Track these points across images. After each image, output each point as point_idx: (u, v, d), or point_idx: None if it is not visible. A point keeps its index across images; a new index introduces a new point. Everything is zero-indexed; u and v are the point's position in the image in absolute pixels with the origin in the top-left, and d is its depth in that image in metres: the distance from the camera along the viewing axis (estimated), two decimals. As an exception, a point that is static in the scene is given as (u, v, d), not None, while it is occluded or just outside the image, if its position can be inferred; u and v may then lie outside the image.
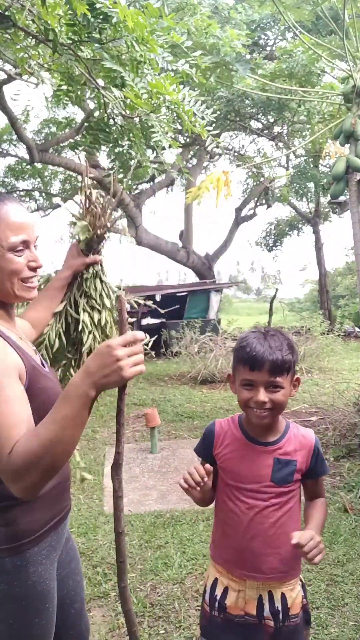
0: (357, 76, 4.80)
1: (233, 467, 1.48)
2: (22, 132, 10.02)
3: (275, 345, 1.40)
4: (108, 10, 1.94)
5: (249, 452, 1.47)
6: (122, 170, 2.85)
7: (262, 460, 1.45)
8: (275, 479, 1.44)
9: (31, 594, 1.22)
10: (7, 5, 2.11)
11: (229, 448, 1.50)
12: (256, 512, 1.44)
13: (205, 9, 5.46)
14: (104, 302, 1.62)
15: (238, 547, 1.47)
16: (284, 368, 1.39)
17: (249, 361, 1.40)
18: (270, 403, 1.40)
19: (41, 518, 1.25)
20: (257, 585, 1.45)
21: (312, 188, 12.55)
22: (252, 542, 1.44)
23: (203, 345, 9.79)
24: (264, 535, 1.43)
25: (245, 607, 1.45)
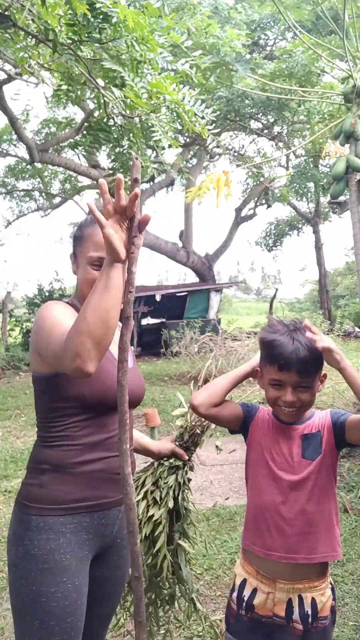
0: (357, 76, 4.79)
1: (266, 447, 1.50)
2: (22, 132, 10.01)
3: (304, 342, 1.38)
4: (108, 10, 1.93)
5: (280, 433, 1.49)
6: (122, 170, 2.84)
7: (292, 440, 1.48)
8: (307, 454, 1.45)
9: (49, 560, 1.28)
10: (7, 5, 2.10)
11: (262, 429, 1.53)
12: (291, 489, 1.44)
13: (205, 9, 5.46)
14: (166, 500, 1.63)
15: (276, 527, 1.45)
16: (312, 369, 1.40)
17: (277, 361, 1.39)
18: (299, 402, 1.42)
19: (73, 492, 1.33)
20: (287, 588, 1.43)
21: (312, 188, 12.55)
22: (289, 520, 1.43)
23: (203, 345, 9.79)
24: (300, 512, 1.43)
25: (274, 608, 1.43)
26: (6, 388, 8.69)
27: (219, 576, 2.81)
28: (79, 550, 1.34)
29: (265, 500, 1.48)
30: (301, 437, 1.47)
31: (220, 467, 4.64)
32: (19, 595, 1.32)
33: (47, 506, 1.32)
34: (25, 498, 1.35)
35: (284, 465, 1.46)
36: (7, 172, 15.42)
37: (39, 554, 1.29)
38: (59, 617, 1.29)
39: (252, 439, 1.54)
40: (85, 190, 16.80)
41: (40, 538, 1.29)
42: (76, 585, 1.32)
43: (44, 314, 1.36)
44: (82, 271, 1.45)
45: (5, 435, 5.92)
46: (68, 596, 1.30)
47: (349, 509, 3.66)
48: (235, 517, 3.56)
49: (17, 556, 1.32)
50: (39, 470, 1.36)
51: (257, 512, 1.50)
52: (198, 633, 2.36)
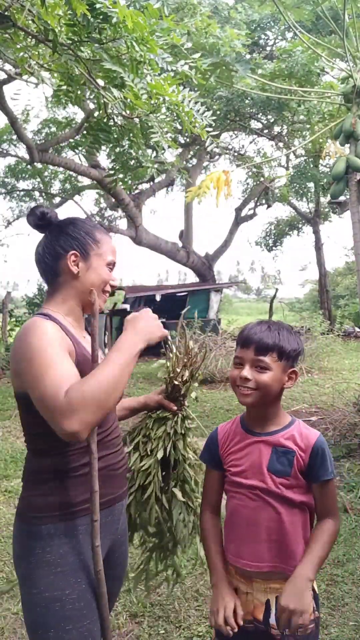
0: (357, 76, 4.80)
1: (235, 459, 1.48)
2: (22, 132, 10.02)
3: (272, 329, 1.43)
4: (108, 11, 1.93)
5: (248, 443, 1.47)
6: (122, 170, 2.84)
7: (260, 450, 1.44)
8: (273, 468, 1.41)
9: (62, 563, 1.27)
10: (7, 5, 2.10)
11: (232, 443, 1.51)
12: (256, 501, 1.42)
13: (205, 9, 5.46)
14: (156, 451, 1.63)
15: (241, 536, 1.45)
16: (269, 348, 1.40)
17: (240, 339, 1.45)
18: (254, 383, 1.40)
19: (79, 495, 1.32)
20: (263, 588, 1.42)
21: (312, 188, 12.56)
22: (254, 530, 1.42)
23: (203, 345, 9.79)
24: (266, 525, 1.41)
25: (253, 611, 1.42)
26: (6, 388, 8.69)
27: (219, 576, 2.81)
28: (90, 551, 1.33)
29: (235, 510, 1.49)
30: (272, 449, 1.43)
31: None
32: (31, 609, 1.28)
33: (55, 513, 1.30)
34: (31, 510, 1.32)
35: (252, 476, 1.44)
36: (7, 172, 15.43)
37: (52, 559, 1.27)
38: (75, 620, 1.26)
39: (226, 454, 1.53)
40: (85, 190, 16.84)
41: (52, 544, 1.28)
42: (90, 586, 1.32)
43: (34, 344, 1.24)
44: (96, 272, 1.43)
45: (5, 435, 5.93)
46: (83, 597, 1.28)
47: (349, 509, 3.66)
48: (235, 517, 3.56)
49: (29, 568, 1.29)
50: (41, 480, 1.33)
51: (230, 519, 1.51)
52: (198, 633, 2.36)
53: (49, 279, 1.44)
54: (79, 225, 1.45)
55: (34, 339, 1.26)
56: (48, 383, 1.18)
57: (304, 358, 9.65)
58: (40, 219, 1.44)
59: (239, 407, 7.30)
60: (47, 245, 1.43)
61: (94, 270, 1.43)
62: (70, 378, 1.20)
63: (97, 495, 1.28)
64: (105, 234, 1.50)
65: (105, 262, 1.46)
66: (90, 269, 1.43)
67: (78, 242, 1.43)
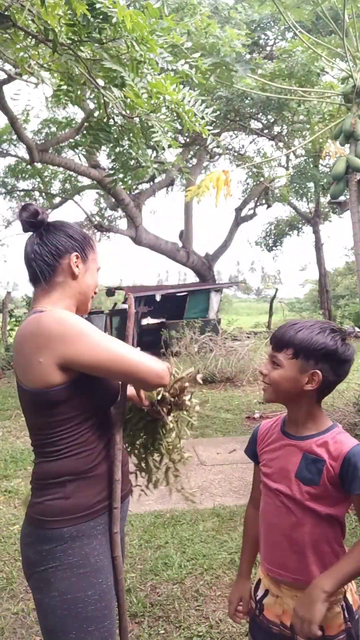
0: (357, 76, 4.80)
1: (268, 459, 1.45)
2: (22, 132, 10.01)
3: (297, 326, 1.36)
4: (108, 10, 1.93)
5: (281, 445, 1.42)
6: (122, 170, 2.85)
7: (291, 454, 1.38)
8: (300, 475, 1.34)
9: (84, 564, 1.29)
10: (7, 5, 2.10)
11: (268, 442, 1.48)
12: (279, 507, 1.37)
13: (205, 9, 5.46)
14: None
15: (268, 540, 1.43)
16: (284, 344, 1.34)
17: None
18: (268, 378, 1.37)
19: (96, 494, 1.35)
20: (291, 595, 1.37)
21: (312, 188, 12.55)
22: (278, 535, 1.39)
23: (203, 345, 9.79)
24: (287, 533, 1.36)
25: (282, 616, 1.39)
26: (6, 388, 8.68)
27: (219, 576, 2.81)
28: (108, 550, 1.36)
29: (264, 512, 1.45)
30: (302, 455, 1.35)
31: (220, 467, 4.64)
32: (51, 613, 1.27)
33: (77, 515, 1.31)
34: (50, 515, 1.31)
35: (280, 480, 1.38)
36: (7, 172, 15.42)
37: (74, 561, 1.28)
38: (97, 621, 1.28)
39: (262, 452, 1.50)
40: (85, 190, 16.83)
41: (74, 546, 1.29)
42: (109, 586, 1.33)
43: (74, 324, 1.30)
44: (92, 275, 1.50)
45: (5, 435, 5.92)
46: (104, 597, 1.30)
47: (349, 509, 3.66)
48: (235, 517, 3.56)
49: (48, 572, 1.28)
50: (58, 483, 1.32)
51: (261, 521, 1.48)
52: (198, 633, 2.36)
53: (46, 277, 1.41)
54: (77, 229, 1.49)
55: (72, 322, 1.30)
56: (122, 348, 1.32)
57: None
58: (33, 216, 1.42)
59: (239, 407, 7.30)
60: (46, 244, 1.41)
61: (91, 274, 1.49)
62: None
63: (119, 484, 1.35)
64: (94, 240, 1.56)
65: (97, 267, 1.53)
66: (87, 271, 1.47)
67: (79, 244, 1.45)
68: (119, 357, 1.30)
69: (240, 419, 6.41)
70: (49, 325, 1.27)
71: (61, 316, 1.30)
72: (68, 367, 1.28)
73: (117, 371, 1.32)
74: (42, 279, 1.41)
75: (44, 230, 1.44)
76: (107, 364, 1.29)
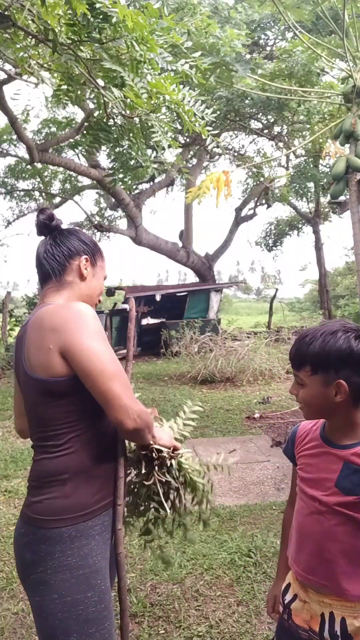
0: (357, 76, 4.80)
1: (305, 464, 1.40)
2: (22, 132, 10.02)
3: (307, 339, 1.30)
4: (108, 10, 1.93)
5: (321, 452, 1.37)
6: (122, 170, 2.85)
7: (331, 463, 1.32)
8: (341, 485, 1.28)
9: (83, 565, 1.28)
10: (7, 5, 2.10)
11: (307, 446, 1.42)
12: (312, 513, 1.33)
13: (205, 9, 5.46)
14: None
15: (298, 543, 1.39)
16: (301, 363, 1.30)
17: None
18: (299, 399, 1.33)
19: (95, 494, 1.34)
20: (318, 600, 1.33)
21: (312, 188, 12.55)
22: (308, 541, 1.35)
23: (203, 345, 9.79)
24: (319, 539, 1.32)
25: (310, 621, 1.35)
26: (6, 388, 8.69)
27: (219, 576, 2.81)
28: (105, 551, 1.36)
29: (296, 509, 1.41)
30: (342, 464, 1.30)
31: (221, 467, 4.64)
32: (51, 615, 1.26)
33: (76, 514, 1.30)
34: (50, 514, 1.30)
35: (316, 487, 1.34)
36: (7, 172, 15.42)
37: (73, 562, 1.27)
38: (98, 622, 1.28)
39: (300, 455, 1.46)
40: (85, 190, 16.84)
41: (73, 547, 1.28)
42: (107, 587, 1.34)
43: (92, 324, 1.32)
44: (98, 280, 1.55)
45: (5, 435, 5.92)
46: (103, 599, 1.30)
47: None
48: (235, 517, 3.56)
49: (46, 573, 1.27)
50: (59, 481, 1.32)
51: (293, 518, 1.44)
52: (198, 633, 2.36)
53: (57, 275, 1.47)
54: (88, 236, 1.57)
55: (91, 321, 1.32)
56: (120, 376, 1.30)
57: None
58: (49, 219, 1.50)
59: (239, 407, 7.30)
60: (59, 245, 1.49)
61: (97, 279, 1.54)
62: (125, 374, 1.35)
63: (122, 481, 1.35)
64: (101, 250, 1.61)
65: (104, 275, 1.59)
66: (95, 276, 1.53)
67: (90, 248, 1.52)
68: (107, 375, 1.27)
69: (240, 419, 6.40)
70: (67, 313, 1.33)
71: (81, 309, 1.34)
72: (65, 357, 1.29)
73: (98, 388, 1.27)
74: (53, 276, 1.46)
75: (58, 233, 1.51)
76: (93, 374, 1.27)
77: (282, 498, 3.89)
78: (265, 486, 4.17)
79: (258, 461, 4.77)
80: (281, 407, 6.98)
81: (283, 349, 10.11)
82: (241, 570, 2.83)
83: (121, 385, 1.28)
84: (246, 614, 2.47)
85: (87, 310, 1.34)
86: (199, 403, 1.77)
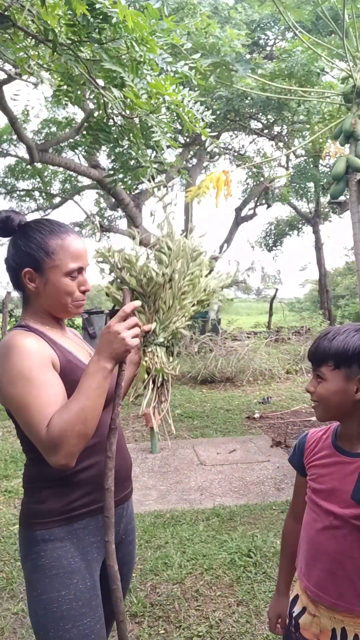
0: (357, 76, 4.80)
1: (317, 474, 1.36)
2: (22, 132, 10.01)
3: (330, 335, 1.28)
4: (108, 11, 1.93)
5: (334, 461, 1.32)
6: (122, 170, 2.85)
7: (345, 473, 1.28)
8: (357, 497, 1.24)
9: (56, 566, 1.30)
10: (6, 5, 2.10)
11: (317, 455, 1.37)
12: (327, 528, 1.29)
13: (205, 9, 5.46)
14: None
15: (309, 557, 1.35)
16: (323, 357, 1.27)
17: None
18: (316, 395, 1.29)
19: (74, 501, 1.34)
20: (329, 616, 1.30)
21: (312, 188, 12.55)
22: (321, 556, 1.31)
23: (203, 345, 9.79)
24: (334, 555, 1.28)
25: (319, 635, 1.32)
26: (6, 388, 8.69)
27: (219, 576, 2.81)
28: (87, 552, 1.36)
29: (306, 525, 1.37)
30: (358, 474, 1.26)
31: (221, 467, 4.64)
32: (33, 611, 1.32)
33: (49, 519, 1.32)
34: (28, 517, 1.36)
35: (330, 498, 1.30)
36: (7, 172, 15.42)
37: (46, 562, 1.31)
38: (74, 619, 1.29)
39: (310, 464, 1.42)
40: (85, 190, 16.83)
41: (46, 548, 1.31)
42: (88, 586, 1.33)
43: (15, 366, 1.22)
44: (55, 285, 1.34)
45: (5, 435, 5.93)
46: (81, 597, 1.31)
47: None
48: (235, 517, 3.56)
49: (28, 571, 1.34)
50: (37, 488, 1.35)
51: (302, 526, 1.40)
52: (198, 633, 2.36)
53: (17, 289, 1.40)
54: (30, 237, 1.34)
55: (15, 359, 1.23)
56: (32, 414, 1.20)
57: (305, 358, 9.64)
58: (2, 225, 1.37)
59: (239, 407, 7.30)
60: (8, 258, 1.37)
61: (52, 285, 1.34)
62: (55, 404, 1.21)
63: (111, 493, 1.30)
64: (63, 237, 1.36)
65: (63, 273, 1.34)
66: (48, 284, 1.34)
67: (30, 258, 1.33)
68: (23, 422, 1.23)
69: (240, 419, 6.41)
70: (2, 355, 1.26)
71: (8, 345, 1.25)
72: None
73: (20, 420, 1.24)
74: (16, 289, 1.41)
75: (13, 238, 1.37)
76: (16, 417, 1.25)
77: (282, 498, 3.89)
78: (265, 486, 4.18)
79: (258, 461, 4.77)
80: (281, 407, 6.98)
81: (283, 349, 10.11)
82: (241, 570, 2.84)
83: (36, 427, 1.20)
84: (246, 614, 2.47)
85: (14, 346, 1.24)
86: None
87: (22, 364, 1.22)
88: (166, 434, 5.30)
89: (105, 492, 1.30)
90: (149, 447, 5.18)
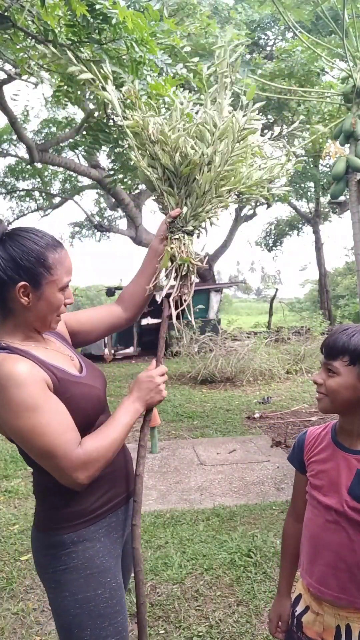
0: (357, 76, 4.80)
1: (316, 470, 1.38)
2: (22, 132, 10.01)
3: (349, 331, 1.30)
4: (107, 11, 1.94)
5: (333, 456, 1.35)
6: (122, 170, 2.85)
7: (343, 468, 1.31)
8: (354, 492, 1.26)
9: (90, 566, 1.32)
10: (7, 5, 2.11)
11: (316, 451, 1.40)
12: (328, 523, 1.31)
13: (205, 9, 5.46)
14: None
15: (311, 554, 1.36)
16: (339, 351, 1.28)
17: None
18: (324, 387, 1.31)
19: (96, 500, 1.36)
20: (333, 614, 1.31)
21: (312, 188, 12.56)
22: (323, 551, 1.32)
23: (203, 345, 9.79)
24: (335, 549, 1.30)
25: (323, 633, 1.33)
26: (6, 388, 8.69)
27: (219, 576, 2.81)
28: (113, 550, 1.39)
29: (308, 521, 1.39)
30: (356, 471, 1.28)
31: (220, 467, 4.64)
32: (65, 611, 1.31)
33: (76, 522, 1.32)
34: (51, 522, 1.33)
35: (329, 493, 1.32)
36: (7, 172, 15.43)
37: (79, 563, 1.31)
38: (110, 617, 1.32)
39: (310, 461, 1.43)
40: (85, 190, 16.84)
41: (77, 550, 1.32)
42: (119, 583, 1.37)
43: (16, 398, 1.17)
44: (48, 299, 1.30)
45: (5, 435, 5.93)
46: (115, 595, 1.34)
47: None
48: (235, 517, 3.56)
49: (57, 573, 1.32)
50: (53, 495, 1.33)
51: (303, 524, 1.42)
52: (198, 633, 2.36)
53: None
54: (28, 250, 1.26)
55: (13, 392, 1.17)
56: (51, 442, 1.19)
57: (305, 358, 9.64)
58: None
59: (239, 407, 7.30)
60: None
61: (46, 300, 1.29)
62: (71, 430, 1.24)
63: (141, 479, 1.40)
64: (59, 251, 1.32)
65: (59, 288, 1.31)
66: (41, 298, 1.29)
67: (29, 272, 1.26)
68: (36, 453, 1.21)
69: (240, 419, 6.41)
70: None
71: (5, 383, 1.18)
72: None
73: (36, 459, 1.24)
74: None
75: (6, 246, 1.27)
76: (26, 449, 1.23)
77: (282, 498, 3.89)
78: (265, 486, 4.18)
79: (258, 461, 4.77)
80: (281, 407, 6.98)
81: (283, 349, 10.11)
82: (241, 570, 2.84)
83: (60, 451, 1.20)
84: (246, 614, 2.47)
85: (7, 377, 1.17)
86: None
87: (22, 396, 1.17)
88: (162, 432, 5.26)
89: (137, 478, 1.39)
90: (149, 447, 5.18)
